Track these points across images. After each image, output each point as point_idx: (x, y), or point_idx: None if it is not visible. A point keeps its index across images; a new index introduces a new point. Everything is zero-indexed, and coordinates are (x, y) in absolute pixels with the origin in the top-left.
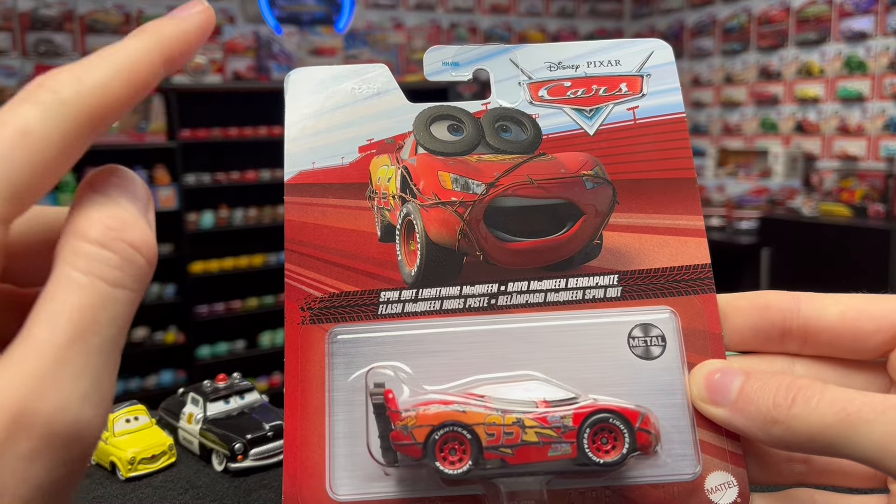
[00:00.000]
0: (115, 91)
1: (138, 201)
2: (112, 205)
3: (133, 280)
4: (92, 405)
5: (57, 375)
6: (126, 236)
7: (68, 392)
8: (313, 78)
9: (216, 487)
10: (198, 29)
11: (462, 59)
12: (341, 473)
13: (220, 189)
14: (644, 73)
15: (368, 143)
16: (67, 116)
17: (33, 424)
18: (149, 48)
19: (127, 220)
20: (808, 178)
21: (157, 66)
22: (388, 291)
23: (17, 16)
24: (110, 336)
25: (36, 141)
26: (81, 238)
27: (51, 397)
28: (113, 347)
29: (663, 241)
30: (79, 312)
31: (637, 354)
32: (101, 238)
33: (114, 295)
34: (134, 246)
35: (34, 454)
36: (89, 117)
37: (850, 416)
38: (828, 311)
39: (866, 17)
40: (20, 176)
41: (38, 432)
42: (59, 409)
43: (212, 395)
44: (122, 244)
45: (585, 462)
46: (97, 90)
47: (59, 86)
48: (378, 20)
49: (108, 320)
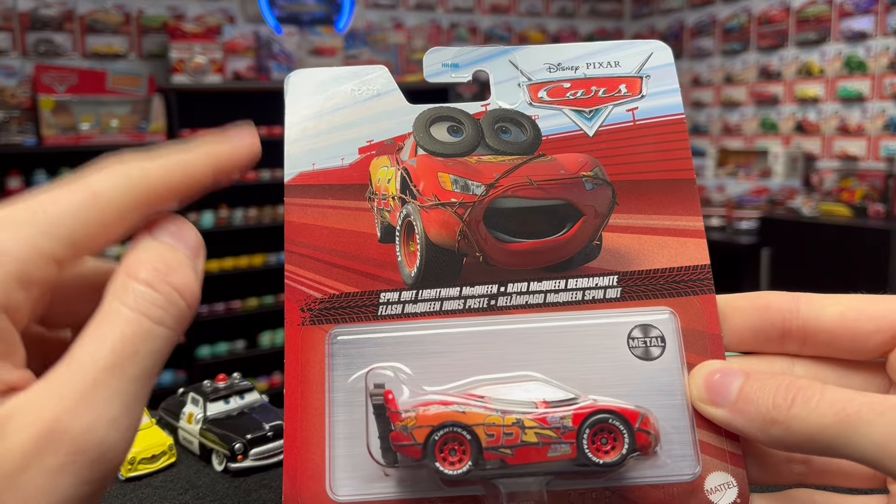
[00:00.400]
0: (170, 183)
1: (188, 249)
2: (163, 249)
3: (173, 320)
4: (119, 429)
5: (92, 397)
6: (171, 279)
7: (99, 414)
8: (313, 79)
9: (216, 487)
10: (247, 155)
11: (462, 61)
12: (341, 474)
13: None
14: (643, 74)
15: (368, 144)
16: (131, 190)
17: (63, 441)
18: (204, 159)
19: (174, 264)
20: (808, 178)
21: (207, 175)
22: (388, 292)
23: (17, 16)
24: (146, 367)
25: (102, 202)
26: (132, 277)
27: (82, 417)
28: (147, 379)
29: (663, 241)
30: (121, 342)
31: (637, 355)
32: (149, 279)
33: (155, 331)
34: (177, 289)
35: (60, 469)
36: (146, 196)
37: (849, 416)
38: (827, 311)
39: (866, 17)
40: (84, 228)
41: (67, 449)
42: (88, 430)
43: (212, 395)
44: (167, 287)
45: (585, 462)
46: (157, 177)
47: (128, 167)
48: (378, 20)
49: (146, 353)
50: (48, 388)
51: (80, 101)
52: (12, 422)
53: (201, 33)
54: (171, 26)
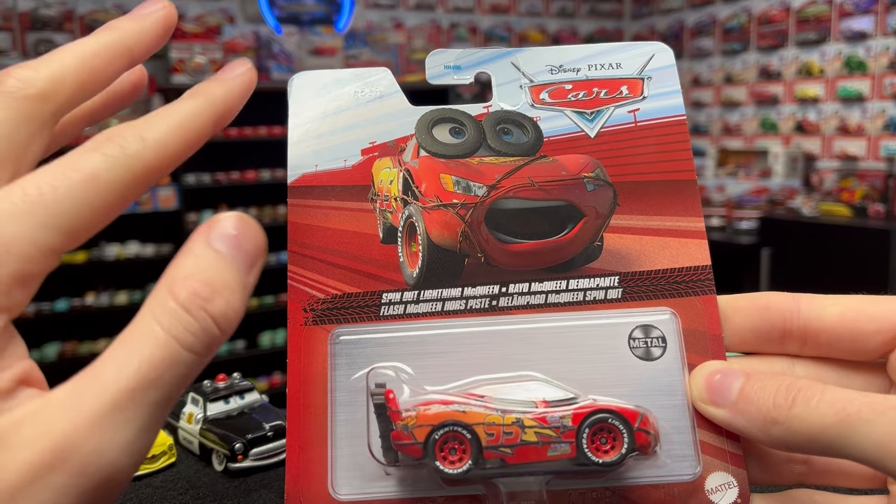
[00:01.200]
0: (172, 148)
1: (244, 261)
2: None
3: (204, 347)
4: (131, 454)
5: (109, 419)
6: (210, 307)
7: (113, 437)
8: (316, 81)
9: (216, 487)
10: (243, 89)
11: (464, 63)
12: (343, 473)
13: (220, 189)
14: (645, 76)
15: (371, 145)
16: (130, 169)
17: (71, 461)
18: (202, 109)
19: (218, 286)
20: (808, 178)
21: (208, 125)
22: (390, 293)
23: (17, 16)
24: (169, 393)
25: (101, 187)
26: (172, 295)
27: (95, 438)
28: (167, 403)
29: (664, 242)
30: (148, 365)
31: (638, 355)
32: (187, 303)
33: (183, 357)
34: (214, 318)
35: (65, 489)
36: (146, 171)
37: (849, 416)
38: (828, 312)
39: (866, 17)
40: (83, 215)
41: (74, 470)
42: (99, 452)
43: (212, 395)
44: (204, 314)
45: (584, 462)
46: (157, 147)
47: (124, 141)
48: (378, 20)
49: (171, 378)
50: (65, 401)
51: None
52: (21, 432)
53: (201, 33)
54: None
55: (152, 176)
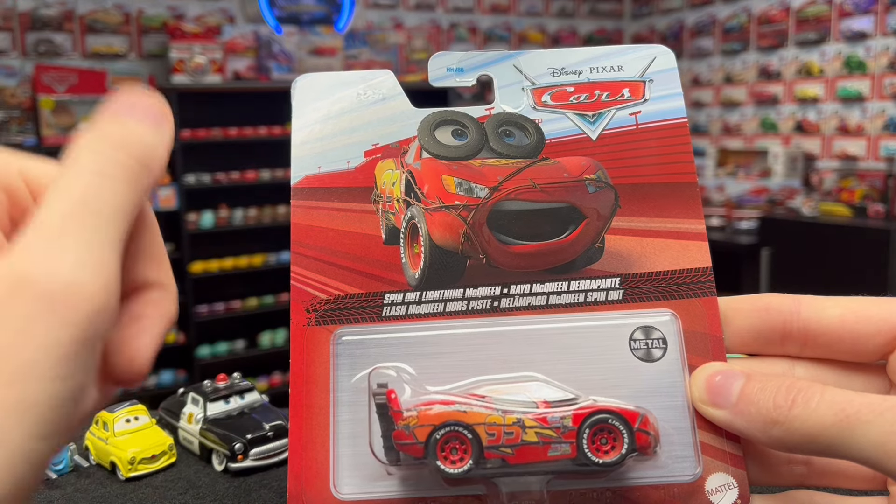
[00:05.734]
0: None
1: (146, 118)
2: (109, 118)
3: (121, 172)
4: (86, 270)
5: (53, 246)
6: (109, 138)
7: (61, 259)
8: (320, 84)
9: (216, 487)
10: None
11: (466, 66)
12: (345, 473)
13: (220, 189)
14: (646, 78)
15: (374, 147)
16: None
17: (30, 289)
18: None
19: (115, 131)
20: (807, 178)
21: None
22: (393, 293)
23: (17, 16)
24: (105, 215)
25: None
26: (76, 142)
27: (46, 264)
28: (107, 225)
29: (665, 244)
30: (73, 195)
31: (638, 357)
32: (91, 143)
33: (104, 183)
34: (117, 147)
35: (33, 315)
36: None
37: (848, 417)
38: (827, 313)
39: (866, 17)
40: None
41: (34, 295)
42: (53, 274)
43: (212, 395)
44: (106, 145)
45: (585, 462)
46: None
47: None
48: (378, 20)
49: (100, 201)
50: (15, 247)
51: (80, 101)
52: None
53: (201, 33)
54: (171, 26)
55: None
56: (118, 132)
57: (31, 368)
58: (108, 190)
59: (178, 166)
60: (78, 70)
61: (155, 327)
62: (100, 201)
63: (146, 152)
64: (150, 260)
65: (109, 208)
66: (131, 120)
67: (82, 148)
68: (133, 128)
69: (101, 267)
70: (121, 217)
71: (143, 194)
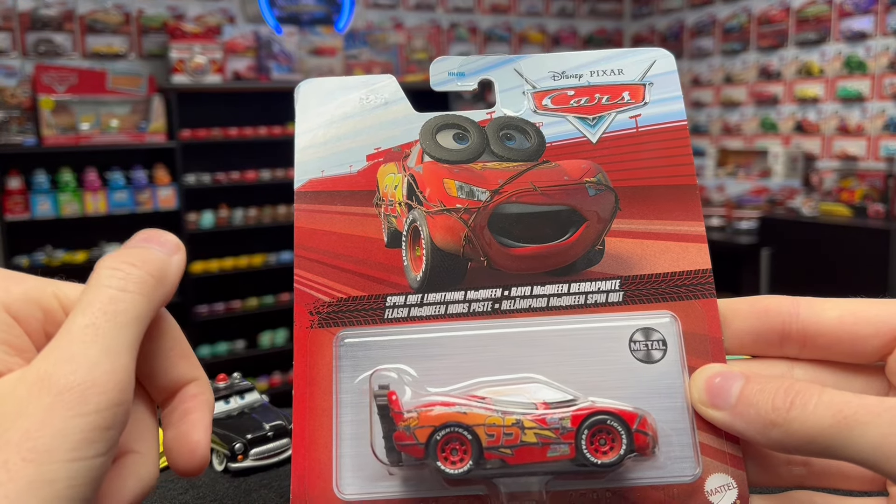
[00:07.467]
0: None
1: (162, 246)
2: (131, 244)
3: (135, 285)
4: (103, 370)
5: (73, 350)
6: (128, 259)
7: (80, 361)
8: (323, 88)
9: (216, 487)
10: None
11: (468, 70)
12: (348, 473)
13: (220, 189)
14: (646, 81)
15: (376, 151)
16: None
17: (51, 385)
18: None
19: (134, 253)
20: (807, 178)
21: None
22: (395, 296)
23: (17, 16)
24: (120, 322)
25: None
26: (98, 267)
27: (65, 365)
28: (121, 331)
29: (665, 246)
30: (93, 307)
31: (638, 358)
32: (110, 263)
33: (119, 296)
34: (135, 266)
35: (52, 405)
36: None
37: (846, 418)
38: (826, 315)
39: (866, 17)
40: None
41: (54, 390)
42: (71, 374)
43: None
44: (125, 264)
45: (583, 463)
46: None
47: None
48: (378, 20)
49: (115, 311)
50: (43, 352)
51: (80, 101)
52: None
53: (201, 33)
54: (171, 26)
55: None
56: (137, 253)
57: (50, 449)
58: (125, 302)
59: (178, 166)
60: (78, 70)
61: (204, 419)
62: (117, 312)
63: (161, 269)
64: (181, 359)
65: (125, 317)
66: (149, 246)
67: (104, 268)
68: (150, 251)
69: (115, 367)
70: (135, 325)
71: (159, 304)
